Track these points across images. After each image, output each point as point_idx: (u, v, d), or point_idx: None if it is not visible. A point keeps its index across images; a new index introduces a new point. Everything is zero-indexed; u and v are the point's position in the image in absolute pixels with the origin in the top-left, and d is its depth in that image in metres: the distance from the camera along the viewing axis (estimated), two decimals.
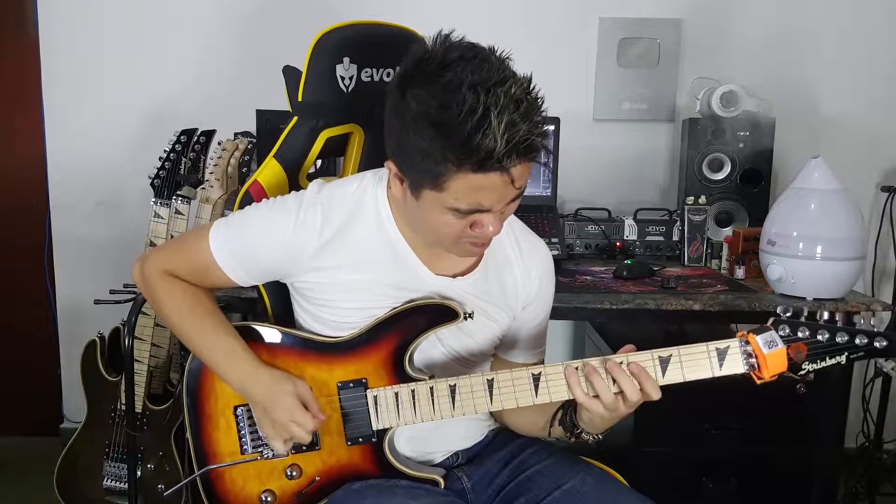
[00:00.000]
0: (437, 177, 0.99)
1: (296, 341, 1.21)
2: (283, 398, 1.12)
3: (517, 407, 1.12)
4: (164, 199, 2.06)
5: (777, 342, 1.03)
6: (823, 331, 1.02)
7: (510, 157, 0.96)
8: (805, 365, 1.03)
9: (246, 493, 1.20)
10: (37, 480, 2.34)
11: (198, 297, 1.22)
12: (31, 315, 2.68)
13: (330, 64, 1.36)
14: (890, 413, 2.44)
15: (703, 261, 2.23)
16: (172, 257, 1.24)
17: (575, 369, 1.07)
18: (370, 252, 1.16)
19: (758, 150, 2.30)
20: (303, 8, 2.43)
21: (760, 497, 1.99)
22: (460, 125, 0.94)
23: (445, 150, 0.96)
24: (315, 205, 1.15)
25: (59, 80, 2.51)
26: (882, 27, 2.49)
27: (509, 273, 1.24)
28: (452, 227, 1.06)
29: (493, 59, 0.99)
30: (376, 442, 1.17)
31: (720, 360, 1.05)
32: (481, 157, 0.95)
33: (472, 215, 1.04)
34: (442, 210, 1.03)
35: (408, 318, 1.17)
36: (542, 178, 2.30)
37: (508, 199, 1.04)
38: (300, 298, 1.23)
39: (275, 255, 1.18)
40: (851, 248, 1.79)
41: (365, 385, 1.17)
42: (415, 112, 0.98)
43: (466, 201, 1.01)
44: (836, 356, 1.02)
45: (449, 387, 1.13)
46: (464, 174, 0.98)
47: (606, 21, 2.48)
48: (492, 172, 0.97)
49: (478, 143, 0.94)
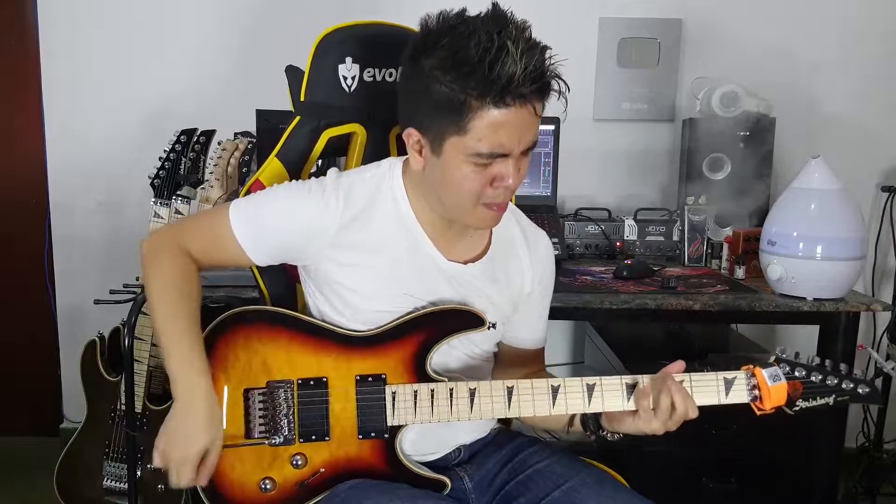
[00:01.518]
0: (461, 117, 1.04)
1: (317, 331, 1.21)
2: (190, 442, 1.10)
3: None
4: (164, 199, 2.05)
5: (780, 377, 1.13)
6: (816, 373, 1.14)
7: (529, 84, 1.01)
8: (799, 402, 1.14)
9: (245, 478, 1.18)
10: (37, 480, 2.34)
11: (191, 283, 1.19)
12: (31, 315, 2.67)
13: (332, 64, 1.37)
14: (890, 413, 2.44)
15: (703, 261, 2.24)
16: (187, 230, 1.23)
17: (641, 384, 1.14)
18: (387, 236, 1.18)
19: (757, 150, 2.30)
20: (304, 8, 2.43)
21: (760, 497, 1.99)
22: (479, 61, 1.00)
23: (468, 87, 1.02)
24: (337, 188, 1.17)
25: (59, 80, 2.51)
26: (882, 27, 2.49)
27: (515, 258, 1.28)
28: (473, 183, 1.09)
29: (494, 11, 1.06)
30: (388, 438, 1.17)
31: (727, 389, 1.15)
32: (503, 85, 1.00)
33: (492, 166, 1.07)
34: (464, 160, 1.07)
35: (434, 320, 1.19)
36: (542, 178, 2.30)
37: (527, 141, 1.08)
38: (313, 285, 1.24)
39: (296, 236, 1.18)
40: (851, 248, 1.79)
41: (384, 380, 1.17)
42: (433, 65, 1.04)
43: (488, 142, 1.05)
44: (826, 397, 1.14)
45: (469, 390, 1.15)
46: (486, 111, 1.03)
47: (606, 21, 2.48)
48: (512, 106, 1.02)
49: (498, 71, 1.00)
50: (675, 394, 1.10)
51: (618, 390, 1.15)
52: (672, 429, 1.13)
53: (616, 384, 1.15)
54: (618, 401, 1.15)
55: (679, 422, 1.12)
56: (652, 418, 1.12)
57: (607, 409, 1.15)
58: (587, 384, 1.15)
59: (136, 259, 2.05)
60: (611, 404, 1.15)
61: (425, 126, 1.10)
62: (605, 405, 1.15)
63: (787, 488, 1.99)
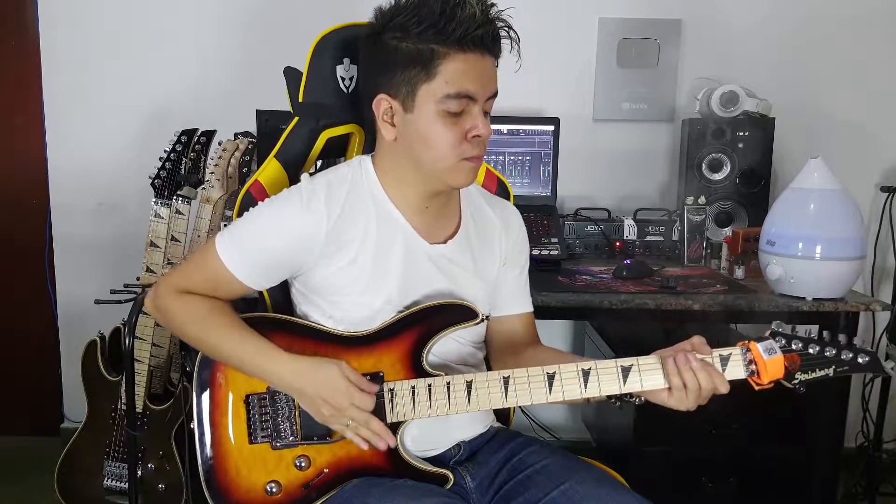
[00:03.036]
0: (429, 64, 1.12)
1: (313, 334, 1.22)
2: (337, 384, 1.13)
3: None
4: (164, 199, 2.06)
5: (776, 350, 1.11)
6: (814, 344, 1.11)
7: (487, 25, 1.11)
8: (798, 375, 1.11)
9: (251, 483, 1.20)
10: (37, 480, 2.34)
11: (213, 304, 1.21)
12: (32, 315, 2.68)
13: (330, 65, 1.37)
14: (889, 413, 2.44)
15: (702, 261, 2.24)
16: (183, 276, 1.24)
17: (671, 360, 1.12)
18: (371, 227, 1.20)
19: (757, 150, 2.30)
20: (303, 9, 2.43)
21: (760, 497, 1.99)
22: (442, 12, 1.10)
23: (433, 36, 1.11)
24: (315, 191, 1.19)
25: (59, 80, 2.51)
26: (882, 27, 2.49)
27: (490, 228, 1.33)
28: (449, 136, 1.14)
29: None
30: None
31: (723, 366, 1.12)
32: (465, 27, 1.09)
33: (462, 119, 1.14)
34: (435, 112, 1.13)
35: (427, 316, 1.20)
36: (542, 177, 2.31)
37: (490, 89, 1.16)
38: (302, 294, 1.25)
39: (287, 248, 1.19)
40: (851, 248, 1.79)
41: (382, 378, 1.18)
42: (394, 34, 1.14)
43: (456, 84, 1.12)
44: (825, 368, 1.11)
45: (466, 382, 1.16)
46: (452, 54, 1.11)
47: (606, 21, 2.48)
48: (474, 52, 1.12)
49: (460, 15, 1.09)
50: (699, 372, 1.10)
51: (613, 373, 1.14)
52: (703, 402, 1.12)
53: (611, 367, 1.14)
54: (614, 384, 1.14)
55: (708, 397, 1.11)
56: (684, 397, 1.11)
57: (604, 392, 1.14)
58: (583, 369, 1.14)
59: (136, 258, 2.09)
60: (607, 388, 1.14)
61: (394, 86, 1.15)
62: (603, 389, 1.14)
63: (786, 488, 1.99)
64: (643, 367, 1.13)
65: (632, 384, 1.13)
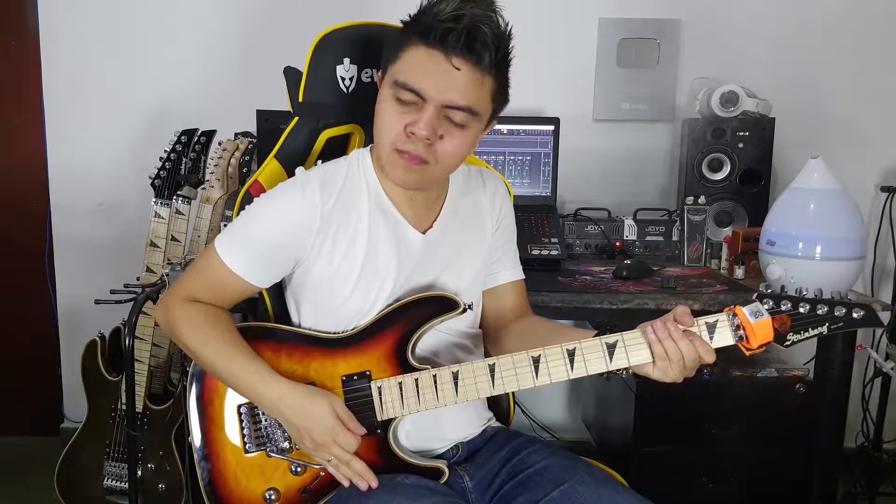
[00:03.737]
0: (399, 47, 1.13)
1: (299, 339, 1.22)
2: (325, 420, 1.13)
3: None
4: (164, 199, 2.06)
5: (763, 312, 1.08)
6: (805, 303, 1.07)
7: (457, 30, 1.07)
8: (790, 336, 1.07)
9: (250, 491, 1.21)
10: (37, 480, 2.34)
11: (217, 315, 1.21)
12: (32, 315, 2.68)
13: (330, 64, 1.37)
14: (889, 413, 2.44)
15: (702, 261, 2.24)
16: (189, 283, 1.24)
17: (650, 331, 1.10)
18: (364, 215, 1.21)
19: (757, 150, 2.30)
20: (303, 8, 2.44)
21: (760, 497, 1.99)
22: (428, 7, 1.11)
23: (411, 21, 1.13)
24: (310, 180, 1.20)
25: (59, 80, 2.51)
26: (882, 27, 2.49)
27: (476, 200, 1.33)
28: (389, 119, 1.14)
29: None
30: (381, 433, 1.18)
31: (710, 333, 1.10)
32: (429, 21, 1.09)
33: (408, 109, 1.12)
34: (391, 95, 1.13)
35: (409, 310, 1.21)
36: (542, 178, 2.31)
37: (446, 97, 1.10)
38: (305, 292, 1.25)
39: (284, 234, 1.19)
40: (851, 248, 1.79)
41: (369, 377, 1.18)
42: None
43: (408, 74, 1.11)
44: (818, 327, 1.07)
45: (452, 374, 1.16)
46: (415, 44, 1.11)
47: (606, 21, 2.48)
48: (437, 49, 1.09)
49: (434, 9, 1.10)
50: (680, 340, 1.08)
51: (599, 352, 1.11)
52: (690, 375, 1.10)
53: (596, 345, 1.11)
54: (601, 363, 1.11)
55: (694, 368, 1.09)
56: (668, 367, 1.09)
57: (591, 371, 1.12)
58: (567, 350, 1.12)
59: (136, 258, 2.09)
60: (594, 367, 1.12)
61: (383, 62, 1.18)
62: (589, 369, 1.12)
63: (786, 488, 1.99)
64: (628, 342, 1.11)
65: (618, 361, 1.11)
